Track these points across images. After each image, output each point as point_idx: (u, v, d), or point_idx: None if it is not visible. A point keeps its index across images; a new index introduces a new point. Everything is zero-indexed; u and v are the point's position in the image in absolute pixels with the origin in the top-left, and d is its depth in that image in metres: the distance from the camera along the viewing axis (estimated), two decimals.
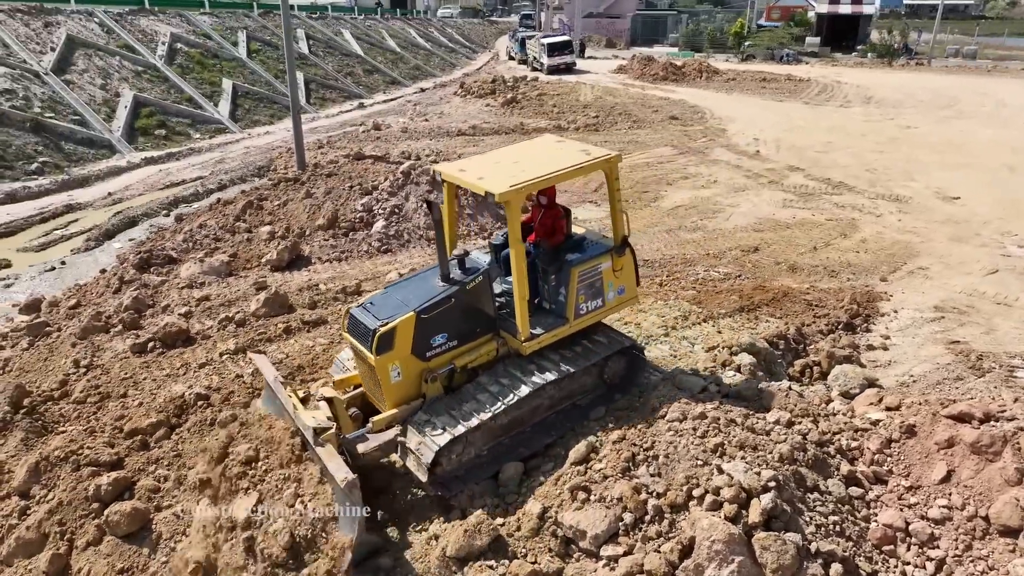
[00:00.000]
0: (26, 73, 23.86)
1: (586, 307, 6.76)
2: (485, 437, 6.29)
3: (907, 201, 16.36)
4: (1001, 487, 5.36)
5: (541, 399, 6.55)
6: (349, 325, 6.45)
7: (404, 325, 6.06)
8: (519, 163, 6.79)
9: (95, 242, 15.79)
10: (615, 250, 6.89)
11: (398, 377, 6.18)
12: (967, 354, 9.22)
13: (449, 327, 6.34)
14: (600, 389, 7.06)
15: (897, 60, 51.65)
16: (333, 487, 5.47)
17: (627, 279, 7.05)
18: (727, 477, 5.29)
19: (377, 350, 6.00)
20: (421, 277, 6.88)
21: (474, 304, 6.47)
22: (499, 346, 6.67)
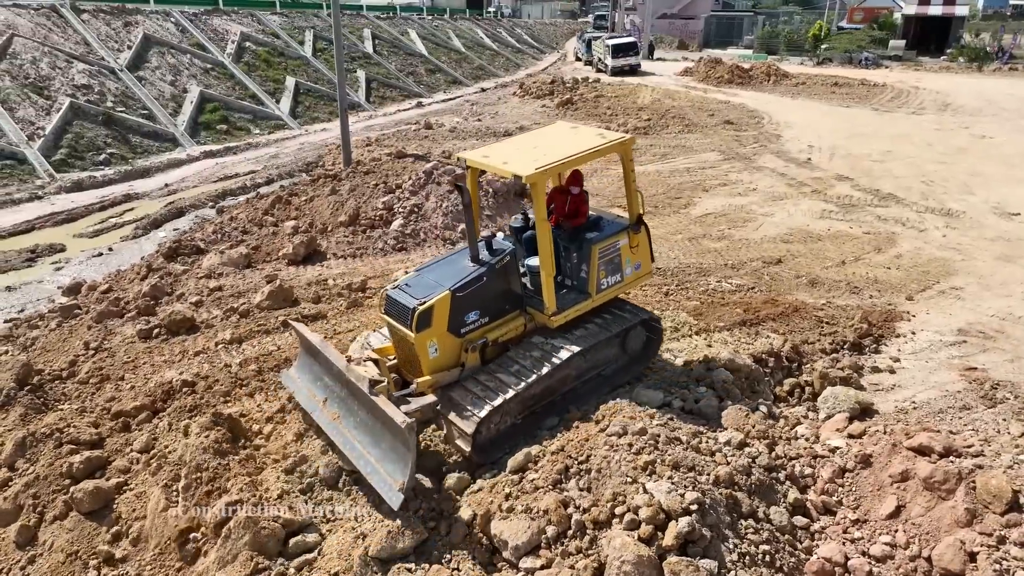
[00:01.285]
0: (103, 69, 25.39)
1: (606, 282, 7.23)
2: (520, 406, 6.68)
3: (958, 216, 15.39)
4: (950, 527, 5.01)
5: (569, 369, 6.95)
6: (387, 306, 6.87)
7: (441, 303, 6.47)
8: (538, 148, 7.15)
9: (142, 231, 16.67)
10: (631, 227, 7.33)
11: (435, 353, 6.60)
12: (982, 382, 8.62)
13: (481, 304, 6.78)
14: (622, 360, 7.51)
15: (989, 65, 48.63)
16: (389, 432, 5.90)
17: (643, 255, 7.54)
18: (648, 496, 5.14)
19: (417, 327, 6.41)
20: (450, 260, 7.30)
21: (503, 282, 6.91)
22: (527, 322, 7.13)
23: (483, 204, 14.12)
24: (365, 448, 6.17)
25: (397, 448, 5.84)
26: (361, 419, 6.36)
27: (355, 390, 6.31)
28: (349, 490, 6.44)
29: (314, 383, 7.11)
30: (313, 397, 7.01)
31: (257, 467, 6.63)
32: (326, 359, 6.74)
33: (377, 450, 6.06)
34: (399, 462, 5.80)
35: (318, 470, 6.55)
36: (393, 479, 5.76)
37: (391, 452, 5.90)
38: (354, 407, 6.47)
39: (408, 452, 5.70)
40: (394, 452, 5.87)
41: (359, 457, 6.18)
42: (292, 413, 7.53)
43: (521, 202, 15.05)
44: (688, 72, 45.13)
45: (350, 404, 6.53)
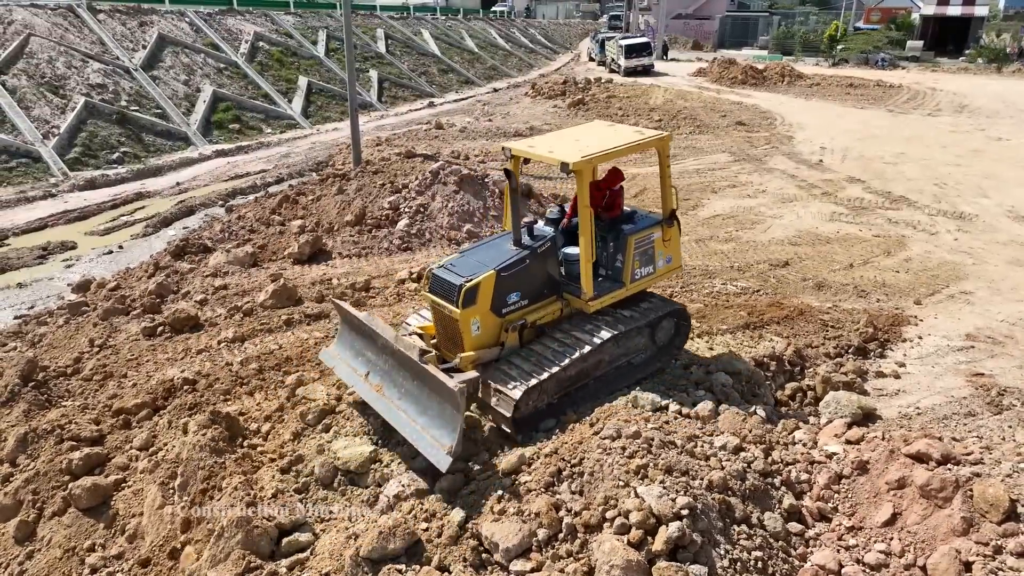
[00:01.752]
0: (118, 69, 25.65)
1: (640, 272, 7.48)
2: (556, 386, 6.89)
3: (971, 219, 15.20)
4: (945, 536, 4.93)
5: (603, 354, 7.16)
6: (432, 284, 7.07)
7: (486, 282, 6.71)
8: (580, 140, 7.45)
9: (153, 229, 16.81)
10: (665, 222, 7.60)
11: (477, 331, 6.82)
12: (988, 388, 8.50)
13: (522, 286, 7.03)
14: (651, 350, 7.68)
15: (1008, 66, 47.98)
16: (437, 399, 6.17)
17: (674, 249, 7.79)
18: (639, 501, 5.10)
19: (463, 304, 6.63)
20: (493, 243, 7.60)
21: (543, 267, 7.17)
22: (563, 307, 7.37)
23: (488, 205, 14.12)
24: (411, 417, 6.40)
25: (445, 414, 6.08)
26: (407, 389, 6.60)
27: (403, 360, 6.57)
28: (344, 490, 6.45)
29: (356, 358, 7.36)
30: (355, 372, 7.25)
31: (253, 466, 6.65)
32: (369, 335, 7.05)
33: (424, 418, 6.30)
34: (447, 427, 6.04)
35: (314, 470, 6.57)
36: (441, 444, 5.97)
37: (438, 418, 6.14)
38: (399, 379, 6.72)
39: (458, 416, 5.92)
40: (441, 418, 6.12)
41: (405, 425, 6.40)
42: (290, 412, 7.56)
43: (527, 203, 15.02)
44: (701, 73, 44.92)
45: (394, 376, 6.78)
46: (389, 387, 6.80)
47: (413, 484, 6.24)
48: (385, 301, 10.79)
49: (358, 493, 6.41)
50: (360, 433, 6.96)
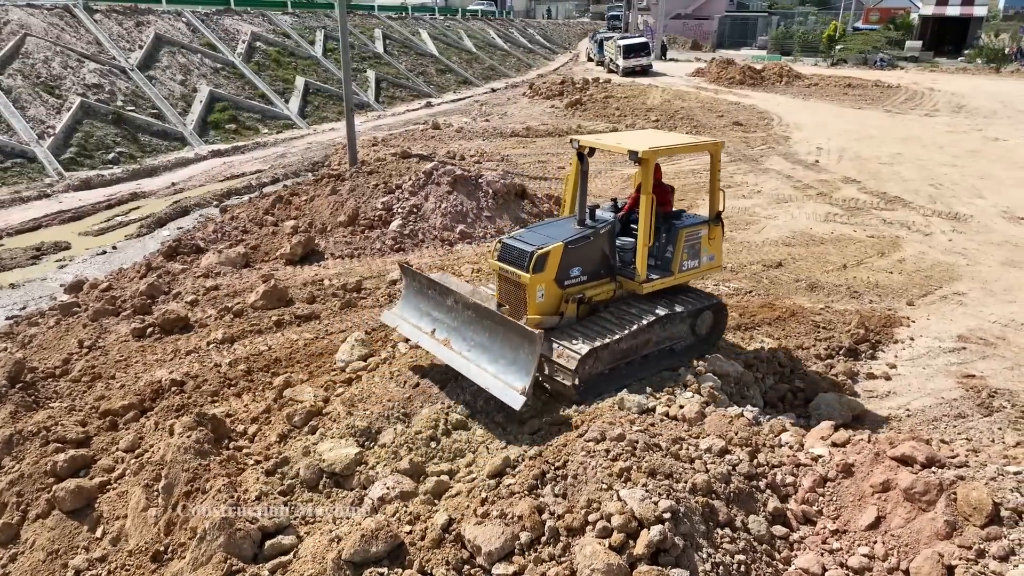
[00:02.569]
0: (114, 69, 25.61)
1: (687, 264, 8.08)
2: (609, 357, 7.35)
3: (966, 220, 15.18)
4: (929, 540, 4.90)
5: (651, 334, 7.71)
6: (501, 252, 7.61)
7: (555, 252, 7.26)
8: (644, 137, 8.37)
9: (147, 229, 16.77)
10: (711, 221, 8.25)
11: (541, 298, 7.35)
12: (979, 390, 8.47)
13: (583, 262, 7.59)
14: (690, 339, 8.26)
15: (1007, 66, 47.98)
16: (510, 348, 6.70)
17: (716, 248, 8.41)
18: (621, 504, 5.07)
19: (533, 269, 7.17)
20: (556, 223, 8.24)
21: (603, 247, 7.76)
22: (616, 288, 7.93)
23: (483, 205, 14.10)
24: (482, 366, 6.88)
25: (519, 360, 6.57)
26: (477, 342, 7.13)
27: (476, 315, 7.15)
28: (329, 492, 6.42)
29: (421, 318, 7.93)
30: (419, 329, 7.84)
31: (238, 468, 6.63)
32: (435, 297, 7.72)
33: (496, 366, 6.78)
34: (520, 371, 6.52)
35: (299, 472, 6.54)
36: (514, 387, 6.45)
37: (512, 365, 6.63)
38: (468, 333, 7.27)
39: (532, 360, 6.41)
40: (515, 364, 6.61)
41: (476, 373, 6.88)
42: (277, 414, 7.54)
43: (521, 203, 15.00)
44: (700, 73, 44.94)
45: (463, 331, 7.33)
46: (457, 341, 7.32)
47: (398, 486, 6.21)
48: (376, 302, 10.76)
49: (343, 495, 6.37)
50: (346, 435, 6.92)
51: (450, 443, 6.78)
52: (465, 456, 6.64)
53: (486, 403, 7.09)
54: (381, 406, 7.33)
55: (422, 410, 7.22)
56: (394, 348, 8.91)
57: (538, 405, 7.11)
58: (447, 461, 6.62)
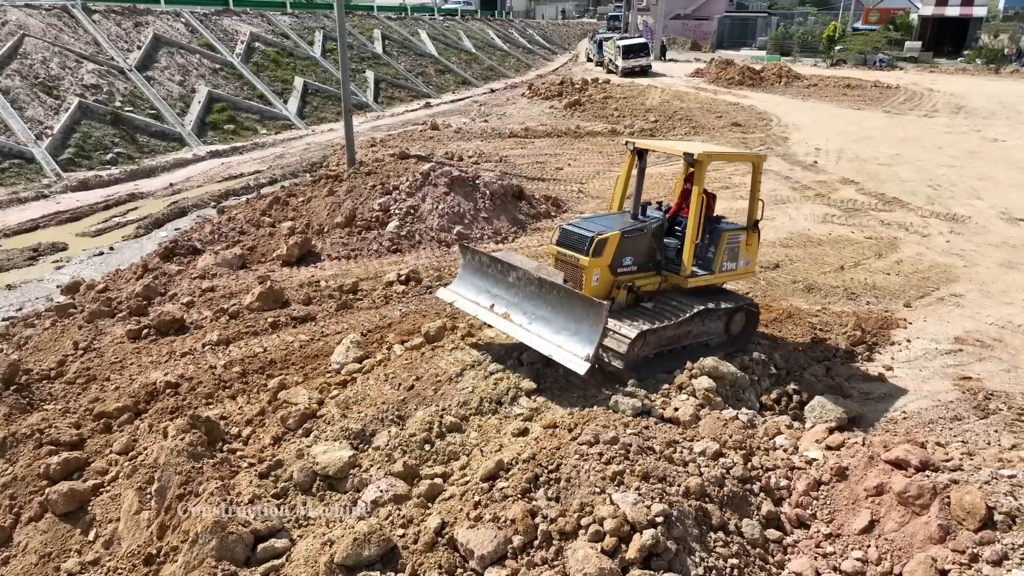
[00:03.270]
0: (112, 69, 25.60)
1: (726, 266, 8.64)
2: (657, 341, 7.93)
3: (964, 221, 15.16)
4: (922, 544, 4.88)
5: (692, 326, 8.22)
6: (561, 237, 8.23)
7: (613, 239, 7.83)
8: (693, 145, 9.13)
9: (144, 230, 16.76)
10: (750, 228, 8.80)
11: (596, 282, 7.91)
12: (975, 392, 8.46)
13: (635, 253, 8.18)
14: (724, 336, 8.71)
15: (1006, 67, 47.97)
16: (574, 319, 7.14)
17: (752, 254, 8.95)
18: (613, 508, 5.05)
19: (592, 253, 7.74)
20: (611, 216, 8.75)
21: (653, 241, 8.35)
22: (661, 282, 8.51)
23: (480, 206, 14.08)
24: (545, 337, 7.29)
25: (582, 330, 7.01)
26: (538, 315, 7.54)
27: (542, 288, 7.56)
28: (323, 495, 6.41)
29: (479, 295, 8.30)
30: (478, 304, 8.21)
31: (232, 471, 6.61)
32: (497, 274, 8.16)
33: (560, 336, 7.19)
34: (585, 340, 6.94)
35: (292, 474, 6.52)
36: (578, 354, 6.87)
37: (576, 335, 7.06)
38: (529, 307, 7.68)
39: (597, 329, 6.85)
40: (579, 334, 7.03)
41: (540, 342, 7.31)
42: (271, 416, 7.53)
43: (519, 204, 14.99)
44: (699, 73, 44.94)
45: (523, 305, 7.74)
46: (517, 314, 7.73)
47: (391, 489, 6.20)
48: (372, 303, 10.75)
49: (336, 498, 6.35)
50: (340, 437, 6.90)
51: (444, 446, 6.77)
52: (459, 459, 6.62)
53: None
54: (375, 408, 7.32)
55: (416, 412, 7.20)
56: (389, 350, 8.89)
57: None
58: (441, 464, 6.61)
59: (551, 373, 7.67)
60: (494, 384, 7.46)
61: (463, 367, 7.90)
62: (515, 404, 7.25)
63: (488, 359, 8.01)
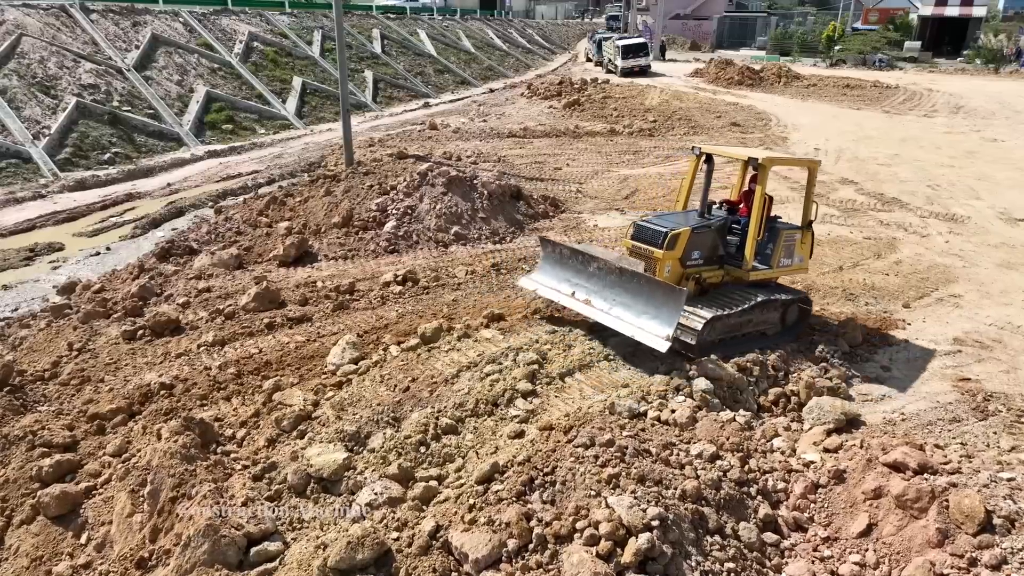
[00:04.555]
0: (110, 69, 25.51)
1: (783, 261, 9.30)
2: (722, 328, 8.57)
3: (963, 221, 15.12)
4: (921, 548, 4.84)
5: (753, 315, 8.86)
6: (635, 232, 8.91)
7: (684, 234, 8.57)
8: (754, 151, 10.14)
9: (141, 230, 16.67)
10: (804, 227, 9.52)
11: (667, 273, 8.61)
12: (974, 393, 8.41)
13: (703, 248, 8.92)
14: (779, 327, 9.33)
15: (1006, 67, 47.94)
16: (654, 303, 7.87)
17: (805, 252, 9.63)
18: (609, 511, 5.01)
19: (666, 247, 8.45)
20: (679, 214, 9.45)
21: (719, 237, 9.10)
22: (723, 275, 9.21)
23: (478, 206, 14.03)
24: (627, 320, 7.99)
25: (661, 313, 7.74)
26: (619, 300, 8.25)
27: (623, 276, 8.26)
28: (317, 497, 6.36)
29: (560, 283, 9.00)
30: (559, 292, 8.94)
31: (225, 473, 6.56)
32: (578, 264, 8.86)
33: (640, 318, 7.90)
34: (665, 321, 7.67)
35: (286, 477, 6.48)
36: (658, 335, 7.60)
37: (655, 317, 7.77)
38: (609, 294, 8.39)
39: (677, 311, 7.63)
40: (658, 317, 7.75)
41: (622, 325, 8.00)
42: (266, 418, 7.48)
43: (517, 204, 14.93)
44: (698, 73, 44.88)
45: (604, 292, 8.45)
46: (597, 300, 8.43)
47: (386, 492, 6.15)
48: (369, 304, 10.70)
49: (331, 501, 6.31)
50: (335, 439, 6.86)
51: (440, 448, 6.72)
52: (455, 461, 6.58)
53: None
54: (371, 410, 7.28)
55: (412, 414, 7.16)
56: (386, 351, 8.84)
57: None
58: (436, 466, 6.56)
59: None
60: (490, 385, 7.42)
61: (459, 368, 7.86)
62: (511, 406, 7.21)
63: (484, 360, 7.96)
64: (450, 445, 6.75)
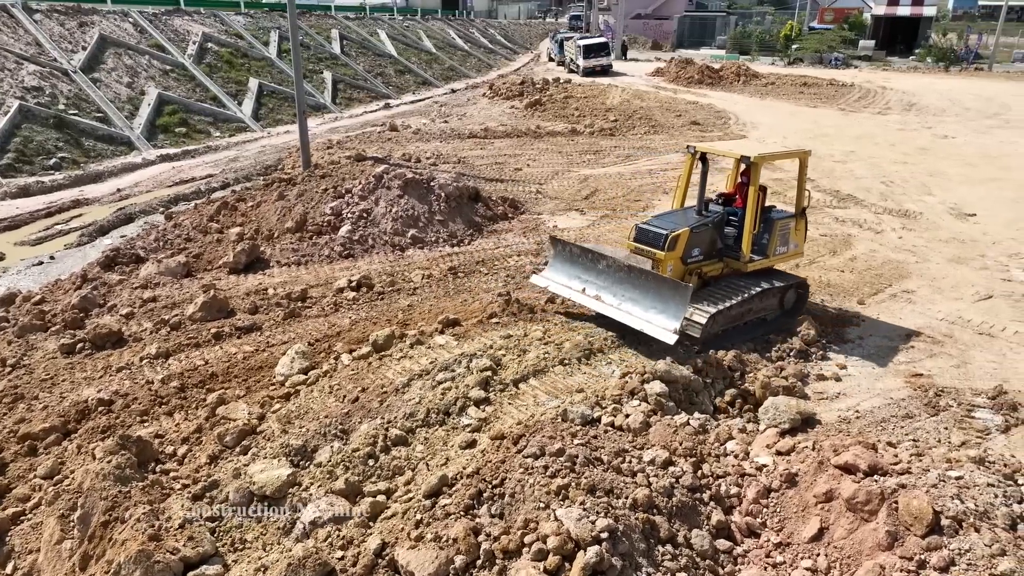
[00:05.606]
0: (55, 71, 24.67)
1: (779, 250, 9.74)
2: (723, 320, 8.98)
3: (915, 217, 15.36)
4: (871, 551, 4.79)
5: (753, 304, 9.34)
6: (638, 235, 9.30)
7: (684, 235, 8.99)
8: (746, 148, 11.13)
9: (88, 238, 16.09)
10: (798, 215, 9.95)
11: (670, 271, 9.01)
12: (926, 389, 8.47)
13: (701, 245, 9.34)
14: (778, 312, 9.88)
15: (956, 65, 49.18)
16: (661, 299, 8.32)
17: (800, 238, 10.12)
18: (557, 524, 4.87)
19: (667, 248, 8.87)
20: (679, 213, 9.80)
21: (716, 233, 9.53)
22: (723, 267, 9.69)
23: (435, 209, 13.81)
24: (636, 315, 8.44)
25: (668, 308, 8.19)
26: (628, 296, 8.68)
27: (631, 273, 8.70)
28: (260, 516, 6.11)
29: (571, 280, 9.39)
30: (570, 288, 9.34)
31: (163, 493, 6.27)
32: (588, 262, 9.26)
33: (649, 313, 8.35)
34: (672, 315, 8.12)
35: (228, 495, 6.21)
36: (666, 328, 8.06)
37: (663, 312, 8.22)
38: (618, 290, 8.81)
39: (683, 305, 8.11)
40: (665, 312, 8.20)
41: (631, 319, 8.45)
42: (208, 433, 7.19)
43: (475, 206, 14.75)
44: (659, 72, 45.16)
45: (613, 288, 8.87)
46: (607, 296, 8.87)
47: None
48: (321, 311, 10.42)
49: (274, 520, 6.06)
50: (279, 455, 6.61)
51: (389, 460, 6.51)
52: (404, 474, 6.37)
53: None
54: (318, 423, 7.04)
55: (360, 426, 6.93)
56: (337, 360, 8.60)
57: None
58: (385, 480, 6.35)
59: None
60: (442, 394, 7.23)
61: (411, 377, 7.65)
62: (464, 414, 7.03)
63: (436, 368, 7.77)
64: (400, 457, 6.54)
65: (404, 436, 6.76)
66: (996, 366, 9.16)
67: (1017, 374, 8.93)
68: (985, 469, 5.67)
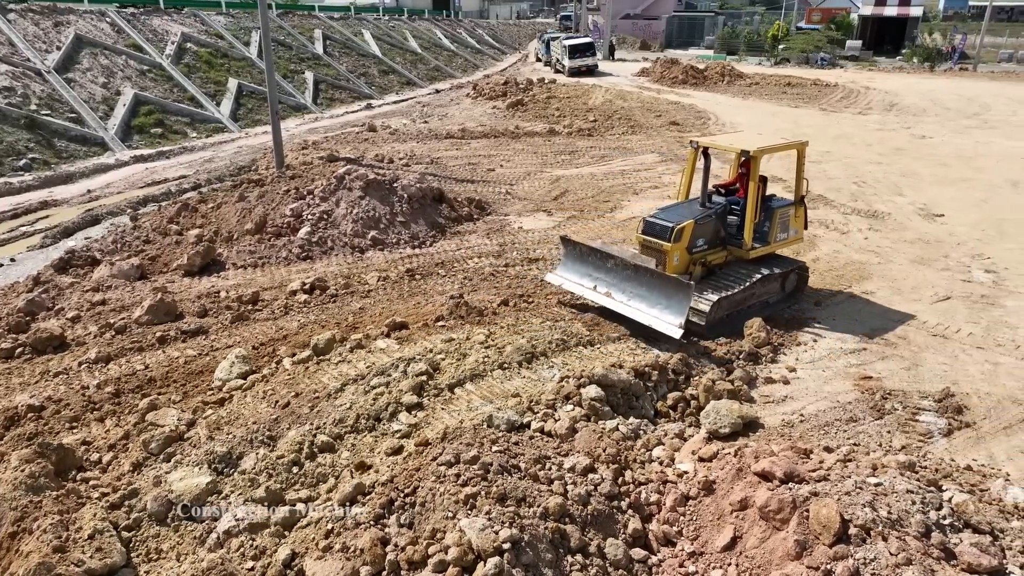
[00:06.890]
0: (28, 71, 24.45)
1: (779, 236, 10.29)
2: (727, 306, 9.59)
3: (883, 218, 15.30)
4: (780, 561, 4.69)
5: (756, 289, 9.94)
6: (645, 227, 9.80)
7: (689, 227, 9.53)
8: (748, 138, 12.10)
9: (52, 239, 15.88)
10: (797, 203, 10.48)
11: (676, 262, 9.60)
12: (874, 392, 8.39)
13: (705, 235, 9.89)
14: (780, 295, 10.58)
15: (941, 65, 49.25)
16: (666, 295, 8.94)
17: (800, 224, 10.69)
18: (459, 535, 4.75)
19: (674, 240, 9.42)
20: (683, 205, 10.31)
21: (719, 223, 10.07)
22: (726, 255, 10.23)
23: (397, 210, 13.69)
24: (643, 310, 9.05)
25: (673, 304, 8.79)
26: (635, 293, 9.29)
27: (637, 271, 9.30)
28: (177, 525, 5.98)
29: (582, 277, 9.99)
30: (582, 286, 9.94)
31: (78, 503, 6.13)
32: (597, 261, 9.84)
33: (655, 308, 8.97)
34: (677, 310, 8.73)
35: (147, 504, 6.08)
36: (672, 322, 8.69)
37: (668, 308, 8.83)
38: (626, 287, 9.42)
39: (687, 301, 8.69)
40: (671, 307, 8.81)
41: (639, 315, 9.07)
42: (135, 440, 7.05)
43: (439, 207, 14.63)
44: (645, 73, 45.10)
45: (622, 285, 9.47)
46: (617, 293, 9.48)
47: (247, 518, 5.80)
48: (271, 315, 10.29)
49: (191, 529, 5.94)
50: (202, 462, 6.48)
51: (314, 467, 6.40)
52: (327, 481, 6.26)
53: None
54: (246, 429, 6.91)
55: (288, 432, 6.82)
56: (278, 364, 8.48)
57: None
58: (308, 487, 6.23)
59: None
60: (373, 399, 7.11)
61: (345, 381, 7.54)
62: (394, 420, 6.92)
63: (372, 373, 7.65)
64: (325, 464, 6.43)
65: (331, 442, 6.65)
66: (947, 368, 9.08)
67: (967, 376, 8.87)
68: (911, 475, 5.58)
